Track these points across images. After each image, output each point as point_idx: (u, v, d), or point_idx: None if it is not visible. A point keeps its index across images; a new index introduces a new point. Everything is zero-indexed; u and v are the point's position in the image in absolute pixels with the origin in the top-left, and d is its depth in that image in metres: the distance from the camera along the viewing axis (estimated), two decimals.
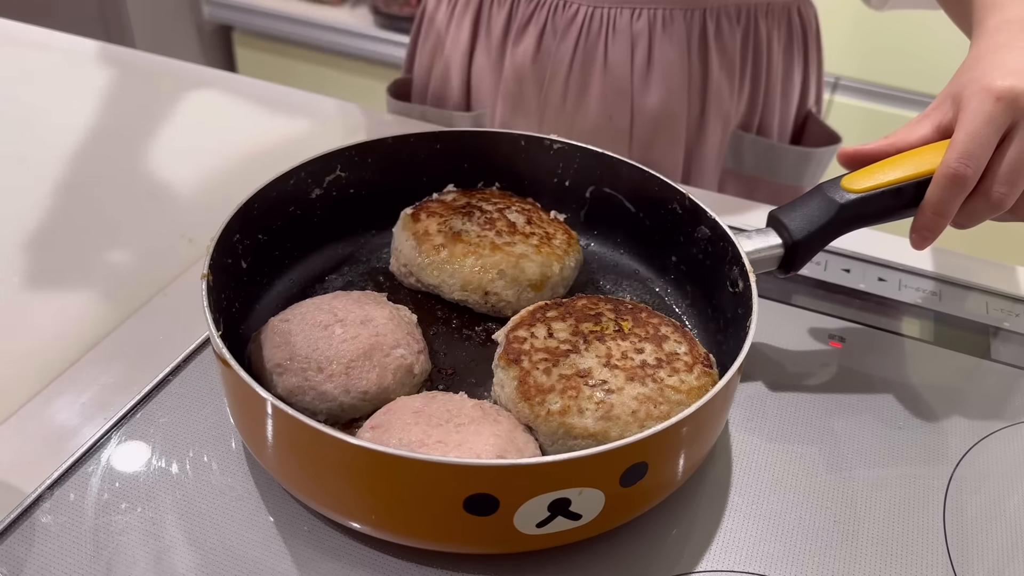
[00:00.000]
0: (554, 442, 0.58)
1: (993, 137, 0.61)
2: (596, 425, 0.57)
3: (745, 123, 1.03)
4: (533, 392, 0.59)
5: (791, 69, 1.03)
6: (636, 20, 0.93)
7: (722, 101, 0.99)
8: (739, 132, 1.03)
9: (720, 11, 0.94)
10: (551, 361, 0.60)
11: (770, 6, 0.97)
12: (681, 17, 0.93)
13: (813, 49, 1.05)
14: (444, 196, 0.77)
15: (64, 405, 0.66)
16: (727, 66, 0.97)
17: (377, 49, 2.29)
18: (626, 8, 0.93)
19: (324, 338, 0.62)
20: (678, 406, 0.58)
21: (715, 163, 1.03)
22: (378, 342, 0.62)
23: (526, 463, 0.49)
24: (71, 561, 0.55)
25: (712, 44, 0.95)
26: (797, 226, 0.65)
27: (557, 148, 0.78)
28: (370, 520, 0.54)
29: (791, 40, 1.01)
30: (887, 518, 0.62)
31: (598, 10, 0.93)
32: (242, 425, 0.59)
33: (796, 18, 1.00)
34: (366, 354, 0.62)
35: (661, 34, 0.93)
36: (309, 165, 0.72)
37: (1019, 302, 0.83)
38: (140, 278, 0.78)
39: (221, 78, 1.14)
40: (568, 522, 0.53)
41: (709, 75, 0.97)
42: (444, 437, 0.55)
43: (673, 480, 0.58)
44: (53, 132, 1.00)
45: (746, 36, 0.97)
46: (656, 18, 0.93)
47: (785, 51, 1.01)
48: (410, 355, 0.64)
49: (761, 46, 0.98)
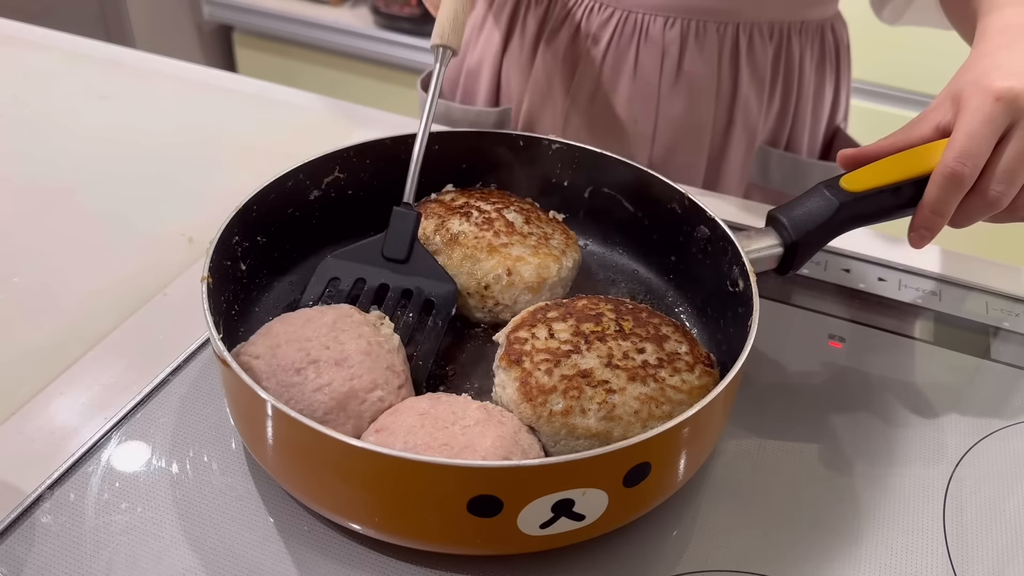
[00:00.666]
0: (557, 443, 0.58)
1: (991, 137, 0.61)
2: (599, 425, 0.57)
3: (773, 139, 1.02)
4: (535, 393, 0.59)
5: (822, 86, 1.02)
6: (669, 29, 0.93)
7: (749, 115, 0.99)
8: (766, 147, 1.02)
9: (753, 26, 0.94)
10: (552, 362, 0.60)
11: (804, 24, 0.96)
12: (714, 30, 0.93)
13: (844, 65, 1.04)
14: (443, 196, 0.77)
15: (64, 405, 0.66)
16: (757, 81, 0.97)
17: (377, 49, 2.29)
18: (660, 16, 0.93)
19: (296, 385, 0.58)
20: (680, 406, 0.58)
21: (739, 176, 1.03)
22: (353, 389, 0.58)
23: (529, 464, 0.49)
24: (71, 561, 0.55)
25: (743, 58, 0.95)
26: (796, 225, 0.65)
27: (556, 148, 0.78)
28: (373, 522, 0.54)
29: (824, 57, 1.00)
30: (887, 518, 0.62)
31: (632, 15, 0.94)
32: (242, 426, 0.59)
33: (829, 35, 1.00)
34: (340, 405, 0.58)
35: (693, 44, 0.94)
36: (307, 167, 0.72)
37: (1019, 302, 0.83)
38: (140, 278, 0.78)
39: (221, 78, 1.14)
40: (572, 523, 0.53)
41: (738, 89, 0.97)
42: (449, 440, 0.55)
43: (676, 480, 0.58)
44: (53, 132, 1.00)
45: (778, 53, 0.96)
46: (689, 28, 0.93)
47: (817, 69, 1.00)
48: (388, 395, 0.60)
49: (793, 63, 0.97)
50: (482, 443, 0.55)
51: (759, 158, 1.02)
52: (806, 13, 0.96)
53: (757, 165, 1.03)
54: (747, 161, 1.02)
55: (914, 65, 1.88)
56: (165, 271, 0.79)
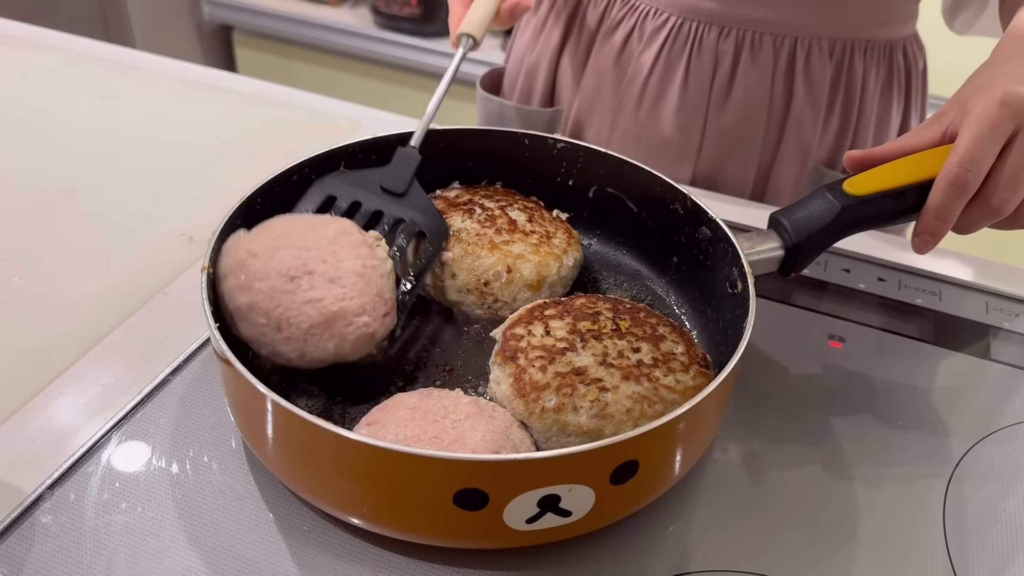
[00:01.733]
0: (548, 439, 0.58)
1: (996, 142, 0.60)
2: (590, 423, 0.57)
3: (830, 160, 0.99)
4: (528, 389, 0.59)
5: (888, 111, 0.98)
6: (724, 39, 0.91)
7: (803, 133, 0.96)
8: (820, 168, 0.99)
9: (812, 42, 0.91)
10: (547, 359, 0.61)
11: (870, 43, 0.93)
12: (770, 43, 0.91)
13: (916, 90, 1.00)
14: (447, 192, 0.77)
15: (64, 405, 0.66)
16: (813, 99, 0.94)
17: (377, 49, 2.29)
18: (715, 25, 0.91)
19: (288, 293, 0.58)
20: (673, 405, 0.58)
21: (791, 195, 1.00)
22: (342, 309, 0.58)
23: (514, 458, 0.49)
24: (71, 561, 0.55)
25: (799, 74, 0.92)
26: (798, 228, 0.65)
27: (561, 147, 0.78)
28: (362, 512, 0.55)
29: (891, 81, 0.96)
30: (887, 518, 0.62)
31: (687, 23, 0.92)
32: (241, 420, 0.59)
33: (899, 58, 0.96)
34: (327, 322, 0.58)
35: (747, 56, 0.92)
36: (312, 161, 0.72)
37: (1019, 302, 0.83)
38: (140, 278, 0.78)
39: (221, 78, 1.14)
40: (558, 519, 0.53)
41: (792, 105, 0.94)
42: (440, 433, 0.55)
43: (666, 479, 0.58)
44: (53, 132, 1.00)
45: (838, 71, 0.93)
46: (744, 40, 0.91)
47: (883, 92, 0.97)
48: (374, 322, 0.60)
49: (855, 84, 0.94)
50: (472, 437, 0.55)
51: (812, 178, 0.99)
52: (873, 32, 0.92)
53: (810, 185, 0.99)
54: (799, 180, 0.99)
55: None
56: (165, 271, 0.79)
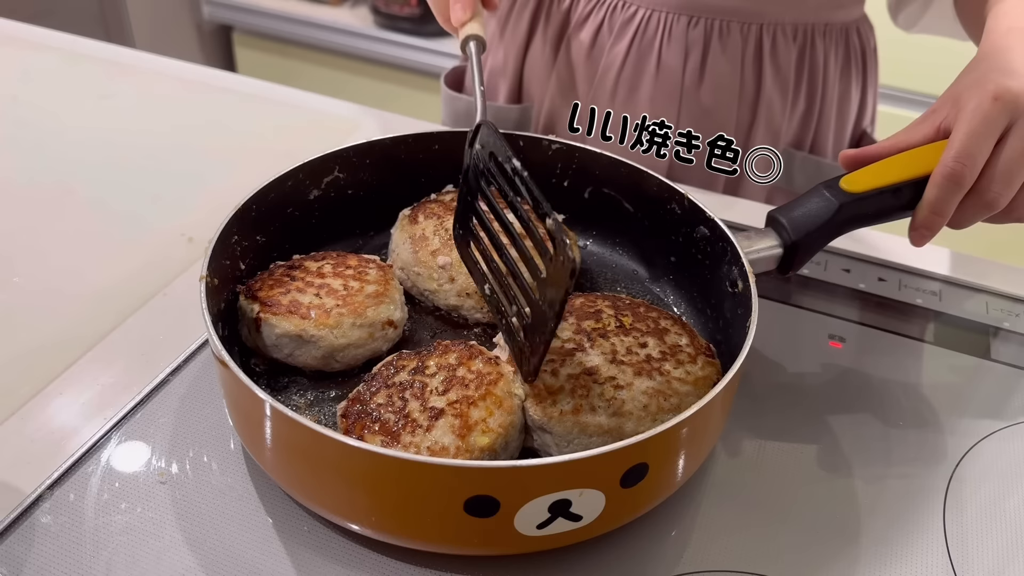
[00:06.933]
0: (570, 442, 0.58)
1: (990, 136, 0.61)
2: (610, 422, 0.57)
3: (797, 141, 1.02)
4: (544, 395, 0.59)
5: (848, 89, 1.02)
6: (693, 28, 0.93)
7: (773, 117, 0.99)
8: (790, 150, 1.02)
9: (777, 28, 0.94)
10: (558, 361, 0.61)
11: (828, 26, 0.96)
12: (738, 30, 0.93)
13: (871, 69, 1.04)
14: (442, 196, 0.77)
15: (64, 405, 0.66)
16: (780, 83, 0.97)
17: (377, 49, 2.29)
18: (684, 15, 0.93)
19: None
20: (687, 397, 0.59)
21: None
22: None
23: (526, 464, 0.49)
24: (71, 561, 0.55)
25: (767, 59, 0.95)
26: (796, 226, 0.65)
27: (556, 148, 0.78)
28: (370, 522, 0.54)
29: (849, 60, 1.00)
30: (887, 518, 0.62)
31: (656, 14, 0.94)
32: (240, 427, 0.59)
33: (855, 38, 0.99)
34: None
35: (716, 44, 0.94)
36: (307, 166, 0.72)
37: (1019, 302, 0.83)
38: (140, 278, 0.78)
39: (221, 78, 1.14)
40: (569, 523, 0.53)
41: (761, 90, 0.97)
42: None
43: (674, 480, 0.58)
44: (53, 132, 1.00)
45: (802, 54, 0.96)
46: (713, 28, 0.93)
47: (843, 71, 1.00)
48: None
49: (817, 65, 0.97)
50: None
51: (783, 160, 1.02)
52: (830, 15, 0.96)
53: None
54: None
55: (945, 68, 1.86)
56: (165, 271, 0.79)
